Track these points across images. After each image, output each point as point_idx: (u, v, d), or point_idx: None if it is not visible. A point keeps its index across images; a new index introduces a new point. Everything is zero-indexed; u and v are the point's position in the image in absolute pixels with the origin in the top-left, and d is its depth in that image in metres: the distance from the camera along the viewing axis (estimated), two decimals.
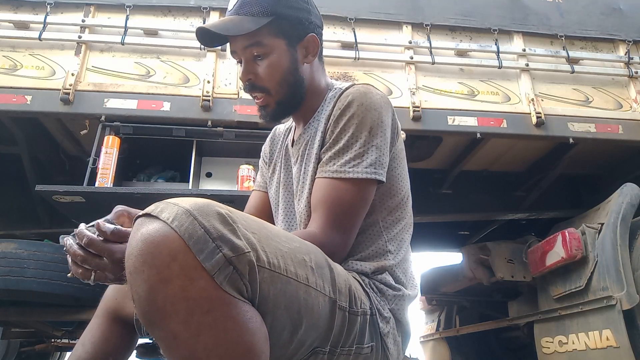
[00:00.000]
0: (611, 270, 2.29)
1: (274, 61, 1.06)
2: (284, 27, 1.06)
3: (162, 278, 0.63)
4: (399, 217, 1.08)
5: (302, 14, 1.09)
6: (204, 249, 0.64)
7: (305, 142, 1.12)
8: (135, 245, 0.65)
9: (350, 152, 1.00)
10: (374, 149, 1.00)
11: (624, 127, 2.81)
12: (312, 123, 1.12)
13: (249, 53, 1.06)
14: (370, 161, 0.99)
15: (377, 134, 1.01)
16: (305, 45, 1.10)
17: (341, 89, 1.09)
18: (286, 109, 1.12)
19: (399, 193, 1.08)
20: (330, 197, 0.98)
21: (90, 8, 2.62)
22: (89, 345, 1.08)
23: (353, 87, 1.07)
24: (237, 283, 0.67)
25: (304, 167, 1.10)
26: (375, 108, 1.02)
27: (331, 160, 1.01)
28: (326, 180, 1.00)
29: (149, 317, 0.64)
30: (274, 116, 1.12)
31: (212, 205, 0.69)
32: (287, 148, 1.22)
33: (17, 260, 2.18)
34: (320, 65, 1.17)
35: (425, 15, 2.91)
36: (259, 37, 1.04)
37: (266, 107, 1.10)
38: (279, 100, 1.09)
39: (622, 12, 3.19)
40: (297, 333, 0.77)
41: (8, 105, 2.36)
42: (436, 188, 3.48)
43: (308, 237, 0.91)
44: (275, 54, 1.06)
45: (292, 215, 1.16)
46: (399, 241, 1.07)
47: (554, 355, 2.58)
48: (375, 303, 0.96)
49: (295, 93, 1.10)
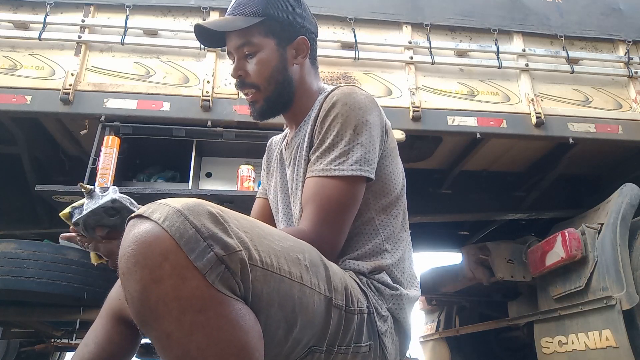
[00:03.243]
0: (611, 270, 2.29)
1: (263, 59, 1.11)
2: (275, 27, 1.11)
3: (154, 278, 0.63)
4: (394, 214, 1.09)
5: (293, 17, 1.13)
6: (195, 248, 0.65)
7: (296, 144, 1.14)
8: (127, 246, 0.65)
9: (335, 150, 1.01)
10: (359, 146, 1.01)
11: (623, 127, 2.81)
12: (303, 126, 1.15)
13: (241, 52, 1.12)
14: (356, 158, 1.00)
15: (362, 132, 1.02)
16: (295, 46, 1.14)
17: (328, 92, 1.11)
18: (274, 106, 1.15)
19: (393, 191, 1.09)
20: (318, 195, 0.99)
21: (90, 8, 2.62)
22: (92, 346, 1.09)
23: (338, 88, 1.09)
24: (229, 281, 0.67)
25: (297, 170, 1.12)
26: (360, 107, 1.04)
27: (318, 160, 1.03)
28: (314, 179, 1.02)
29: (142, 317, 0.65)
30: (262, 113, 1.15)
31: (203, 204, 0.69)
32: (282, 152, 1.24)
33: (17, 260, 2.18)
34: (312, 69, 1.20)
35: (425, 15, 2.91)
36: (250, 36, 1.10)
37: (255, 103, 1.14)
38: (266, 97, 1.12)
39: (622, 12, 3.20)
40: (292, 332, 0.77)
41: (8, 105, 2.36)
42: (436, 188, 3.48)
43: (298, 234, 0.91)
44: (264, 52, 1.11)
45: (290, 216, 1.17)
46: (396, 240, 1.07)
47: (553, 356, 2.58)
48: (372, 302, 0.96)
49: (283, 92, 1.13)
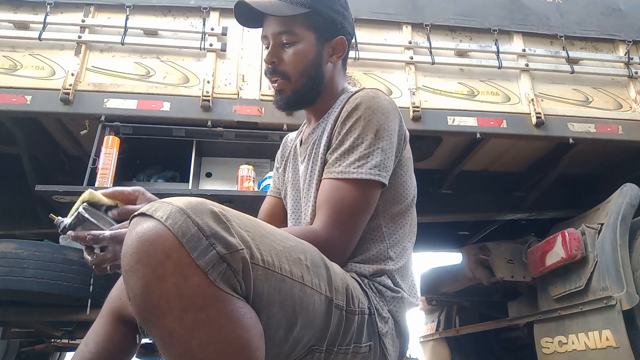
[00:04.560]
0: (611, 270, 2.29)
1: (300, 50, 1.10)
2: (318, 22, 1.11)
3: (157, 276, 0.63)
4: (402, 224, 1.09)
5: (337, 16, 1.14)
6: (198, 247, 0.65)
7: (312, 141, 1.14)
8: (130, 244, 0.65)
9: (355, 153, 1.01)
10: (379, 151, 1.01)
11: (623, 127, 2.82)
12: (321, 123, 1.15)
13: (279, 39, 1.11)
14: (375, 163, 1.00)
15: (383, 137, 1.02)
16: (333, 45, 1.15)
17: (351, 93, 1.10)
18: (300, 99, 1.14)
19: (404, 200, 1.09)
20: (333, 197, 0.99)
21: (90, 8, 2.62)
22: (92, 345, 1.09)
23: (362, 90, 1.08)
24: (230, 280, 0.67)
25: (311, 166, 1.12)
26: (383, 112, 1.03)
27: (337, 162, 1.02)
28: (331, 181, 1.01)
29: (144, 314, 0.65)
30: (288, 103, 1.14)
31: (205, 203, 0.70)
32: (296, 148, 1.25)
33: (17, 260, 2.18)
34: (342, 70, 1.20)
35: (425, 15, 2.91)
36: (292, 26, 1.09)
37: (282, 92, 1.13)
38: (295, 89, 1.12)
39: (622, 12, 3.20)
40: (292, 331, 0.77)
41: (8, 105, 2.36)
42: (436, 188, 3.48)
43: (310, 234, 0.92)
44: (302, 44, 1.10)
45: (298, 212, 1.17)
46: (401, 249, 1.08)
47: (553, 356, 2.58)
48: (374, 303, 0.96)
49: (313, 87, 1.13)
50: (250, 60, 2.66)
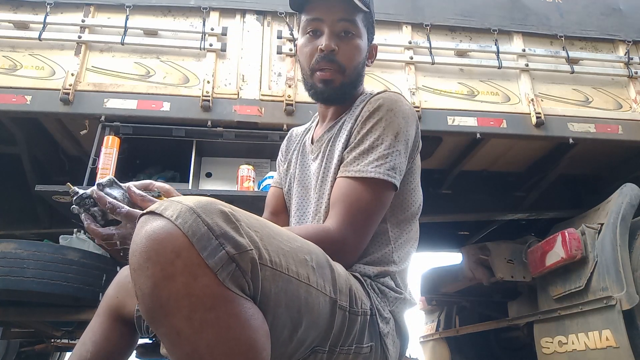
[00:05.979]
0: (611, 270, 2.29)
1: (359, 45, 1.12)
2: (369, 24, 1.15)
3: (166, 275, 0.63)
4: (407, 230, 1.10)
5: (373, 25, 1.19)
6: (207, 246, 0.64)
7: (328, 139, 1.14)
8: (139, 242, 0.65)
9: (374, 152, 1.01)
10: (397, 154, 1.01)
11: (623, 127, 2.82)
12: (338, 122, 1.14)
13: (340, 27, 1.09)
14: (393, 165, 1.00)
15: (401, 141, 1.02)
16: (371, 50, 1.19)
17: (372, 94, 1.10)
18: (344, 94, 1.13)
19: (410, 207, 1.10)
20: (349, 196, 0.99)
21: (90, 8, 2.62)
22: (89, 344, 1.08)
23: (385, 92, 1.09)
24: (239, 280, 0.67)
25: (325, 164, 1.11)
26: (404, 117, 1.04)
27: (355, 161, 1.02)
28: (348, 180, 1.01)
29: (153, 313, 0.64)
30: (334, 95, 1.12)
31: (215, 203, 0.69)
32: (305, 145, 1.24)
33: (17, 260, 2.17)
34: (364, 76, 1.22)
35: (425, 15, 2.91)
36: (357, 18, 1.10)
37: (332, 82, 1.10)
38: (344, 82, 1.11)
39: (621, 12, 3.20)
40: (297, 332, 0.77)
41: (8, 105, 2.36)
42: (436, 188, 3.48)
43: (322, 232, 0.91)
44: (361, 40, 1.12)
45: (304, 209, 1.17)
46: (404, 253, 1.08)
47: (553, 356, 2.58)
48: (375, 303, 0.96)
49: (356, 84, 1.14)
50: (250, 60, 2.66)
